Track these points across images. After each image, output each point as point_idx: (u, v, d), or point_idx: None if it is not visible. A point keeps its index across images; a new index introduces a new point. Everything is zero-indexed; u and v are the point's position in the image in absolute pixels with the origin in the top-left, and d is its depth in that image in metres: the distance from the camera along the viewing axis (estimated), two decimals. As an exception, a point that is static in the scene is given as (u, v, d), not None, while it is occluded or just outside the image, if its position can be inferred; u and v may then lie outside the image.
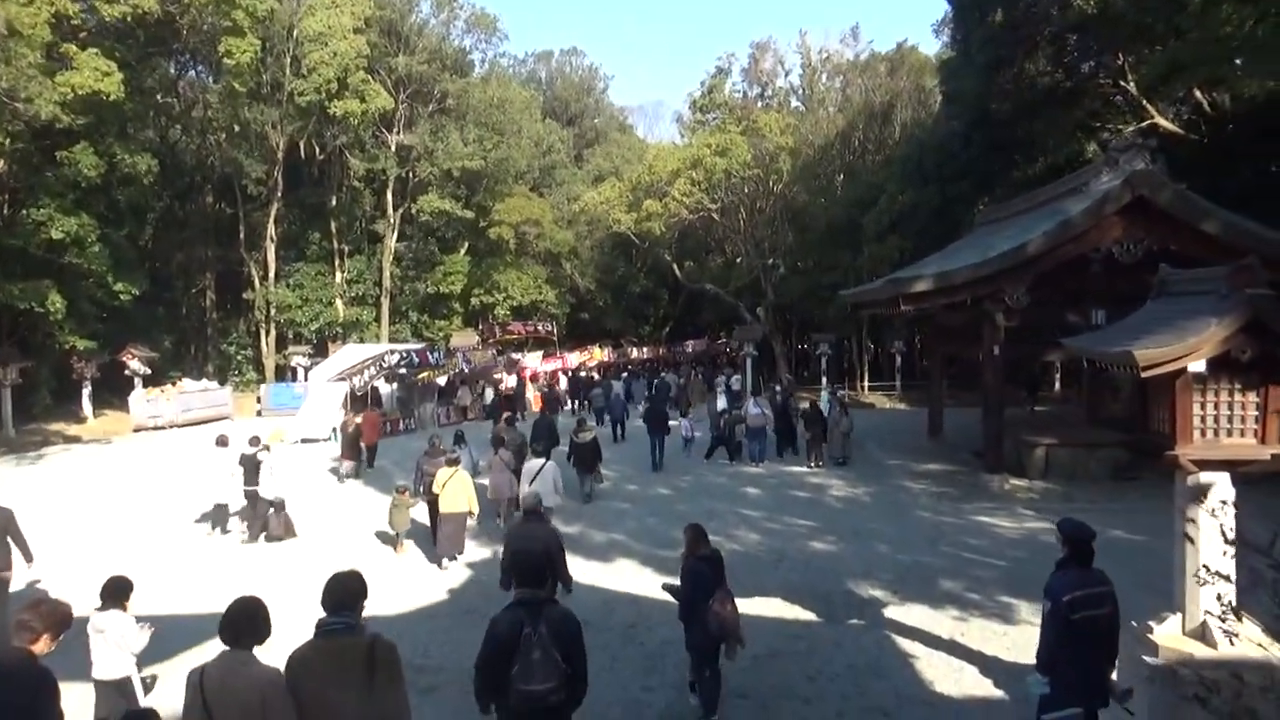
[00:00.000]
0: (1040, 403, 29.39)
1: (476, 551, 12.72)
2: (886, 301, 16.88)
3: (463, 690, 6.11)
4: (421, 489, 13.10)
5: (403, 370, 29.83)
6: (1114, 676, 5.98)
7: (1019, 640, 8.63)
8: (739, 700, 7.39)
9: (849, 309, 23.75)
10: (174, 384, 33.78)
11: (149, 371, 33.15)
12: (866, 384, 38.98)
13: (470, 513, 12.01)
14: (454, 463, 12.20)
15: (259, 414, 34.55)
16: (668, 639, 8.73)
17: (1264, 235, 13.90)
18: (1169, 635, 6.43)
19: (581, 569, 10.98)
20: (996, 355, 16.79)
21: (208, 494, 14.29)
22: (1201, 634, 6.34)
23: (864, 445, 22.18)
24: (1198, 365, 6.02)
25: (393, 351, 29.31)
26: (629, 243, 48.89)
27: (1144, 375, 6.00)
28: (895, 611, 9.63)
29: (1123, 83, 22.84)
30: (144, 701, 6.82)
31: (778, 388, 26.02)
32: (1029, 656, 8.33)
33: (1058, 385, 36.70)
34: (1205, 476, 6.29)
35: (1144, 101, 22.41)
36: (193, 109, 39.74)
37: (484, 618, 5.00)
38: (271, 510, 13.70)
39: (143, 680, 7.09)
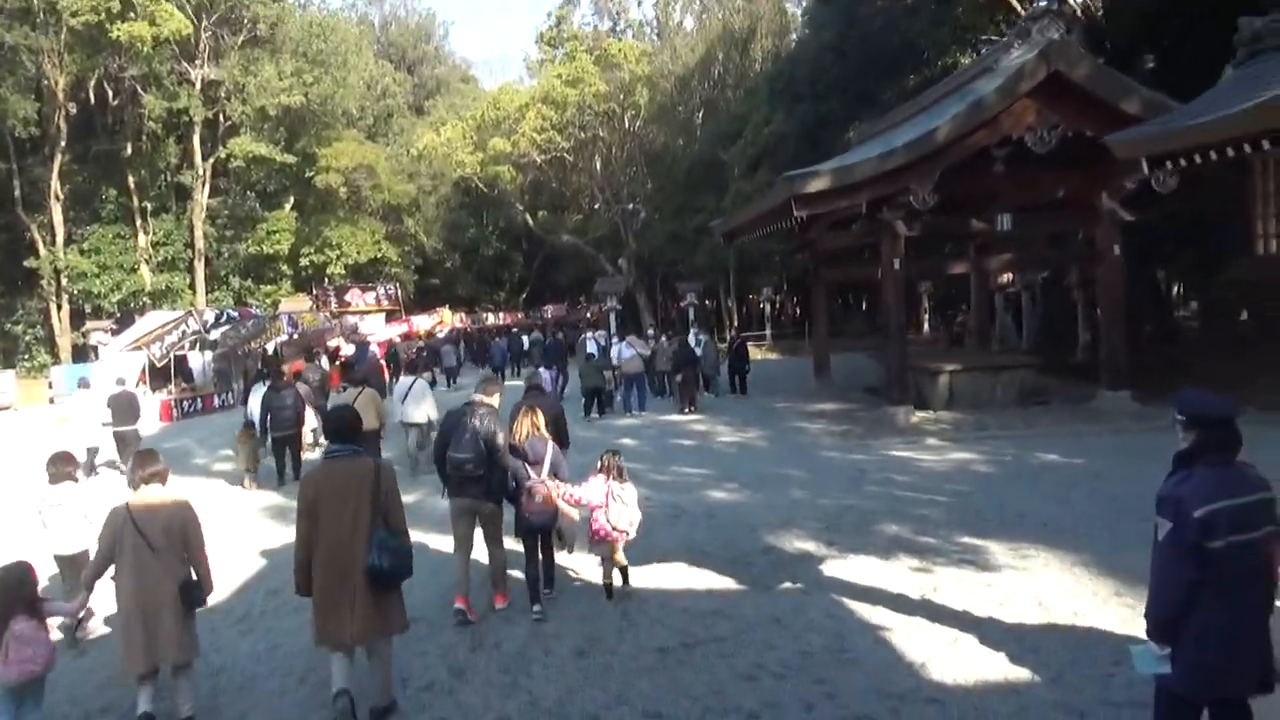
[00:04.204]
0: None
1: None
2: (775, 211, 14.51)
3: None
4: (270, 424, 12.32)
5: (214, 336, 25.55)
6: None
7: (1010, 592, 6.38)
8: (649, 725, 4.73)
9: (721, 240, 21.43)
10: (-64, 369, 28.42)
11: (-95, 358, 27.84)
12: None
13: (381, 427, 11.62)
14: (360, 383, 11.94)
15: (51, 401, 29.65)
16: (535, 631, 6.04)
17: (1192, 113, 12.25)
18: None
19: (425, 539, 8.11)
20: (898, 270, 14.74)
21: (75, 439, 12.91)
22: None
23: (746, 391, 20.12)
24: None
25: (192, 313, 24.92)
26: (478, 198, 45.22)
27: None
28: (837, 567, 7.19)
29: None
30: None
31: (650, 332, 23.62)
32: (1031, 614, 6.10)
33: (926, 326, 35.95)
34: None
35: (1015, 3, 21.09)
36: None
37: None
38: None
39: None
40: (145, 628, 4.71)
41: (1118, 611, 5.88)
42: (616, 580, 6.75)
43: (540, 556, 6.53)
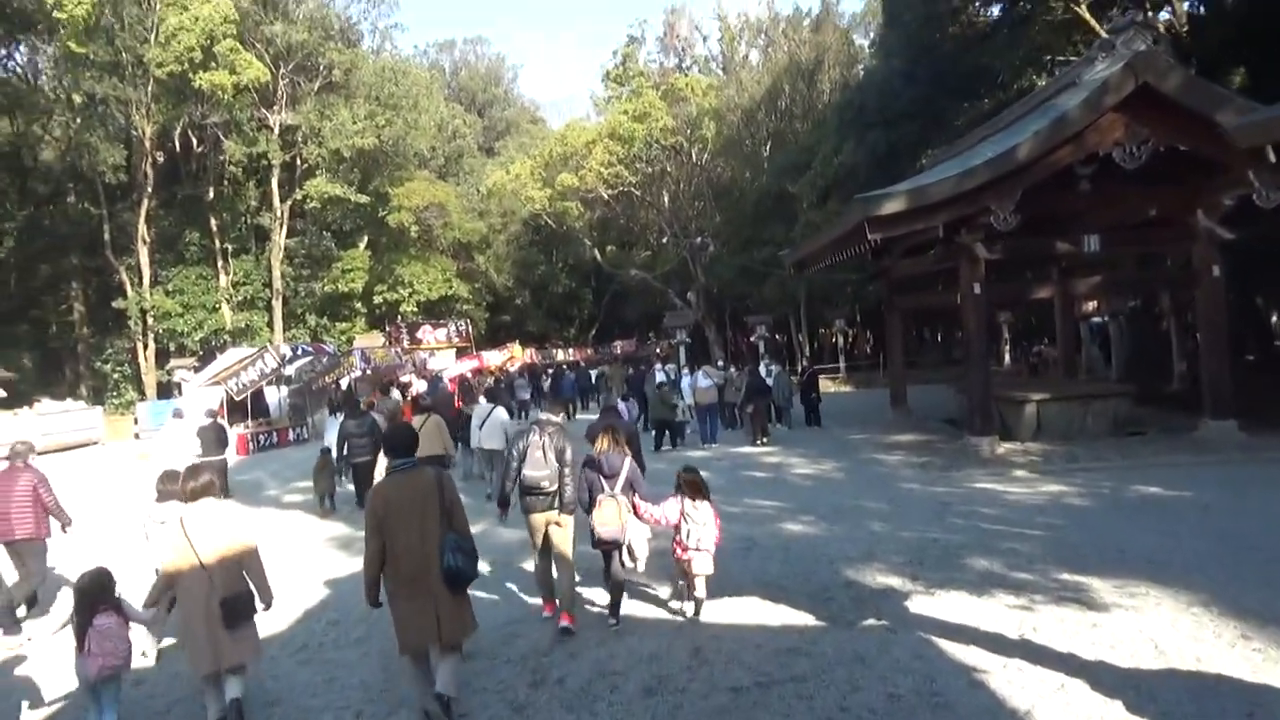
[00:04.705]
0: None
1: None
2: (847, 236, 14.08)
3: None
4: (348, 451, 12.46)
5: (289, 371, 26.02)
6: None
7: (1120, 633, 5.79)
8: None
9: (791, 270, 21.02)
10: (31, 406, 29.63)
11: (2, 394, 29.00)
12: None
13: (449, 456, 11.98)
14: (427, 410, 12.09)
15: (137, 436, 30.68)
16: (600, 668, 5.69)
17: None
18: None
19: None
20: (978, 294, 14.12)
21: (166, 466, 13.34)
22: None
23: (820, 423, 19.55)
24: None
25: (267, 349, 25.41)
26: (548, 235, 45.67)
27: None
28: (924, 603, 6.69)
29: (1073, 5, 20.73)
30: None
31: (719, 364, 23.27)
32: (1147, 658, 5.45)
33: (1007, 358, 34.76)
34: None
35: (1094, 23, 20.38)
36: (36, 85, 35.18)
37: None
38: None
39: None
40: (208, 633, 4.90)
41: (1247, 657, 5.28)
42: (689, 611, 6.60)
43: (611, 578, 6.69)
